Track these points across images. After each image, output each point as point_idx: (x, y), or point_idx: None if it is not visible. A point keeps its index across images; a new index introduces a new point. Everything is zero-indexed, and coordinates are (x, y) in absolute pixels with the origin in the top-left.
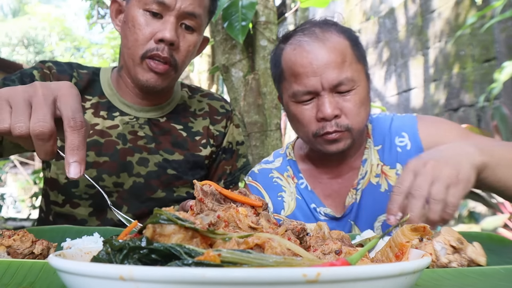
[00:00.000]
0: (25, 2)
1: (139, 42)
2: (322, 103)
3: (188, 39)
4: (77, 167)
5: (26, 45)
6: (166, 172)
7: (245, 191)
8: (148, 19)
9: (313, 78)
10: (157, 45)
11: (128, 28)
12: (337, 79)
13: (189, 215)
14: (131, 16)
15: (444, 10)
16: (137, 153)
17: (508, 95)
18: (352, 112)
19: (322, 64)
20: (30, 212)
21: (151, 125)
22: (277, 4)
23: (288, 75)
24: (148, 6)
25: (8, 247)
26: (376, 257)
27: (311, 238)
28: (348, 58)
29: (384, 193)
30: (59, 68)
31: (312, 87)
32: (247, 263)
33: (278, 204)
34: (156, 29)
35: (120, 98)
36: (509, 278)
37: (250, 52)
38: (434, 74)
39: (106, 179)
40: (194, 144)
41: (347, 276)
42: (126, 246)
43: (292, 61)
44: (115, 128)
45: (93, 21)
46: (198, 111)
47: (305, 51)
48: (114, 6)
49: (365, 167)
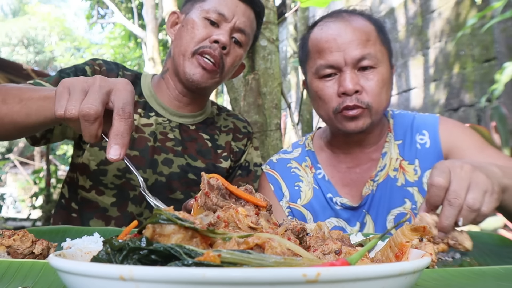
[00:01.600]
0: (25, 2)
1: (195, 40)
2: (344, 78)
3: (237, 50)
4: (118, 150)
5: (26, 45)
6: (187, 176)
7: (251, 189)
8: (206, 25)
9: (337, 53)
10: (210, 44)
11: (186, 30)
12: (360, 54)
13: (188, 215)
14: (191, 20)
15: (444, 10)
16: (164, 153)
17: (508, 95)
18: (373, 90)
19: (346, 40)
20: (30, 212)
21: (181, 129)
22: (277, 4)
23: (313, 53)
24: (209, 15)
25: (8, 247)
26: (376, 257)
27: (311, 238)
28: (372, 38)
29: (400, 187)
30: (108, 67)
31: (334, 62)
32: (247, 264)
33: (295, 193)
34: (212, 33)
35: (157, 100)
36: (509, 278)
37: (250, 52)
38: (434, 74)
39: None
40: (216, 155)
41: (347, 276)
42: (126, 246)
43: (318, 38)
44: (149, 126)
45: (93, 21)
46: (223, 128)
47: (331, 29)
48: (172, 17)
49: (385, 160)
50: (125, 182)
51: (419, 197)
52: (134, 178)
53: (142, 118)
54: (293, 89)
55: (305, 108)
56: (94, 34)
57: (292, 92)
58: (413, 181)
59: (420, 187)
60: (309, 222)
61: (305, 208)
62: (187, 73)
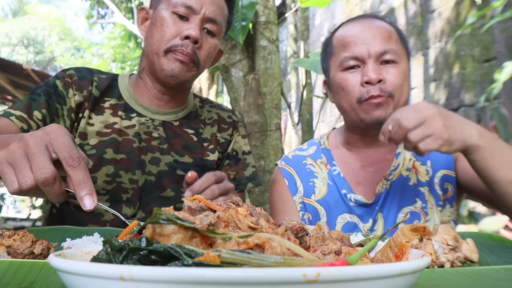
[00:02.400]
0: (25, 2)
1: (165, 38)
2: (367, 69)
3: (210, 41)
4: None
5: (26, 45)
6: (176, 173)
7: (237, 201)
8: (175, 20)
9: (361, 45)
10: (182, 41)
11: (156, 27)
12: (383, 48)
13: (188, 215)
14: (159, 17)
15: (444, 10)
16: (150, 152)
17: (508, 95)
18: (395, 81)
19: (371, 35)
20: (30, 212)
21: (165, 127)
22: (277, 4)
23: (337, 48)
24: (176, 9)
25: (8, 247)
26: (376, 257)
27: (311, 238)
28: (393, 37)
29: (412, 187)
30: (80, 75)
31: (359, 53)
32: (247, 264)
33: (309, 188)
34: (182, 28)
35: (137, 101)
36: (509, 278)
37: (250, 52)
38: (434, 74)
39: (123, 176)
40: (202, 149)
41: (347, 276)
42: (126, 246)
43: (343, 34)
44: (132, 128)
45: (93, 21)
46: (207, 120)
47: (356, 26)
48: (141, 13)
49: (398, 160)
50: (116, 186)
51: (430, 197)
52: (124, 181)
53: (124, 120)
54: (293, 89)
55: (305, 108)
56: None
57: (292, 92)
58: (425, 181)
59: (431, 187)
60: (322, 217)
61: (319, 203)
62: (164, 70)
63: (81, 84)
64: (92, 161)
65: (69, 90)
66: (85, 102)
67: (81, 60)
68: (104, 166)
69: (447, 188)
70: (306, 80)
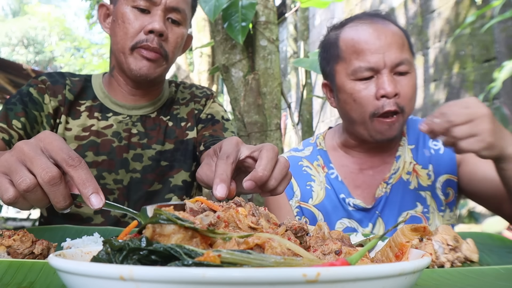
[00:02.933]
0: (25, 2)
1: (129, 35)
2: (383, 81)
3: (176, 31)
4: (97, 197)
5: (26, 45)
6: (160, 164)
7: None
8: (136, 14)
9: (377, 55)
10: (146, 36)
11: (118, 25)
12: (399, 58)
13: (188, 215)
14: (120, 13)
15: (444, 10)
16: (132, 149)
17: (508, 95)
18: (407, 95)
19: (386, 43)
20: (30, 212)
21: (143, 121)
22: (277, 4)
23: (348, 54)
24: (136, 3)
25: (8, 247)
26: (376, 257)
27: (311, 238)
28: (405, 44)
29: (413, 191)
30: (52, 79)
31: (375, 64)
32: (247, 264)
33: (307, 192)
34: (145, 22)
35: (112, 99)
36: (509, 278)
37: (250, 52)
38: (434, 74)
39: (107, 177)
40: (180, 130)
41: (347, 276)
42: (126, 246)
43: (355, 39)
44: (110, 128)
45: (93, 21)
46: (181, 100)
47: (369, 30)
48: (102, 10)
49: (398, 163)
50: (102, 188)
51: (432, 201)
52: (108, 182)
53: (101, 121)
54: (293, 89)
55: (305, 108)
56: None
57: (292, 92)
58: (426, 186)
59: (433, 192)
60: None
61: (316, 208)
62: (133, 69)
63: (55, 89)
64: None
65: (44, 96)
66: (61, 107)
67: (81, 60)
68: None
69: (449, 193)
70: (306, 80)
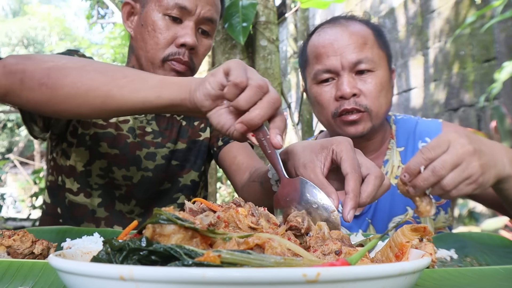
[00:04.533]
0: (25, 2)
1: (160, 46)
2: (341, 82)
3: (205, 43)
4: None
5: (26, 45)
6: (171, 163)
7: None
8: (168, 24)
9: (333, 57)
10: (178, 49)
11: (148, 32)
12: (357, 58)
13: (188, 215)
14: (150, 20)
15: (444, 10)
16: (145, 148)
17: (508, 95)
18: (371, 93)
19: (343, 44)
20: (30, 212)
21: (157, 120)
22: (277, 4)
23: (311, 58)
24: (169, 11)
25: (8, 247)
26: (376, 257)
27: (310, 238)
28: (369, 42)
29: (402, 195)
30: None
31: (331, 66)
32: (247, 264)
33: None
34: (177, 33)
35: None
36: (509, 278)
37: (250, 52)
38: (434, 74)
39: (116, 172)
40: (194, 130)
41: (347, 276)
42: (126, 247)
43: (315, 44)
44: (126, 123)
45: (93, 21)
46: None
47: (328, 34)
48: (126, 8)
49: (386, 167)
50: (109, 181)
51: None
52: (117, 177)
53: None
54: (293, 89)
55: (305, 108)
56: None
57: (292, 92)
58: None
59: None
60: None
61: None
62: None
63: None
64: (88, 152)
65: None
66: None
67: None
68: (98, 159)
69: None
70: None
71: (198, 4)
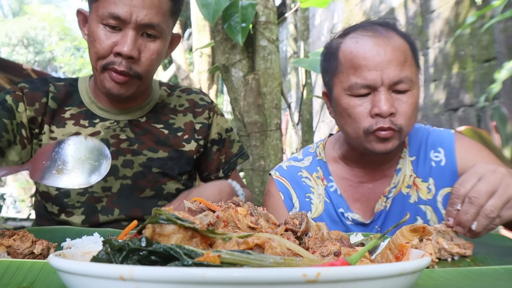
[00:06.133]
0: (25, 2)
1: (98, 55)
2: (379, 99)
3: (150, 48)
4: None
5: (26, 45)
6: (151, 171)
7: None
8: (107, 33)
9: (374, 72)
10: (115, 58)
11: (90, 42)
12: (398, 76)
13: (188, 215)
14: (91, 30)
15: (444, 10)
16: (121, 156)
17: (508, 95)
18: (407, 113)
19: (386, 59)
20: (30, 212)
21: (132, 126)
22: (277, 4)
23: (346, 67)
24: (105, 21)
25: (8, 247)
26: (376, 259)
27: (309, 239)
28: (408, 59)
29: (413, 205)
30: (32, 86)
31: (372, 81)
32: (247, 264)
33: (306, 204)
34: (115, 41)
35: (98, 105)
36: (509, 278)
37: (250, 52)
38: (434, 74)
39: (94, 185)
40: (176, 140)
41: (347, 276)
42: (126, 247)
43: (354, 53)
44: (97, 135)
45: None
46: (178, 107)
47: (369, 45)
48: (80, 16)
49: (399, 176)
50: (89, 197)
51: (433, 216)
52: (96, 190)
53: (88, 128)
54: (293, 89)
55: (305, 108)
56: None
57: (292, 92)
58: (426, 200)
59: (434, 206)
60: None
61: (315, 221)
62: (105, 87)
63: (33, 95)
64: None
65: (19, 104)
66: (38, 117)
67: (81, 60)
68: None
69: None
70: (306, 80)
71: (132, 11)
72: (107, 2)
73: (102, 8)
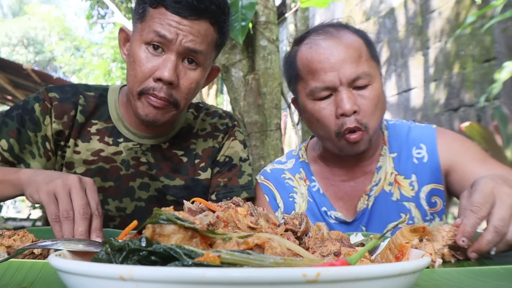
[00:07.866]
0: (25, 2)
1: (137, 79)
2: (340, 99)
3: (190, 76)
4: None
5: (26, 45)
6: (165, 198)
7: (237, 202)
8: (148, 56)
9: (331, 73)
10: (155, 84)
11: (130, 63)
12: (355, 73)
13: (188, 215)
14: (133, 50)
15: (444, 10)
16: (139, 178)
17: (508, 95)
18: (369, 109)
19: (340, 59)
20: (30, 212)
21: (153, 151)
22: (277, 4)
23: (304, 74)
24: (149, 40)
25: (8, 247)
26: (376, 259)
27: (309, 239)
28: (363, 54)
29: (396, 202)
30: (62, 96)
31: (330, 83)
32: (247, 264)
33: (289, 204)
34: (156, 66)
35: (125, 124)
36: (509, 278)
37: (250, 52)
38: (434, 74)
39: (110, 203)
40: (193, 168)
41: (347, 276)
42: (126, 247)
43: (309, 59)
44: (119, 154)
45: (93, 21)
46: (200, 131)
47: (322, 48)
48: (121, 35)
49: (379, 174)
50: (104, 214)
51: (417, 212)
52: (111, 209)
53: (111, 146)
54: None
55: None
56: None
57: None
58: (410, 196)
59: (417, 203)
60: None
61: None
62: (139, 113)
63: (62, 108)
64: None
65: (46, 117)
66: (65, 130)
67: (81, 60)
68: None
69: (436, 202)
70: None
71: (179, 33)
72: (153, 22)
73: (148, 27)
